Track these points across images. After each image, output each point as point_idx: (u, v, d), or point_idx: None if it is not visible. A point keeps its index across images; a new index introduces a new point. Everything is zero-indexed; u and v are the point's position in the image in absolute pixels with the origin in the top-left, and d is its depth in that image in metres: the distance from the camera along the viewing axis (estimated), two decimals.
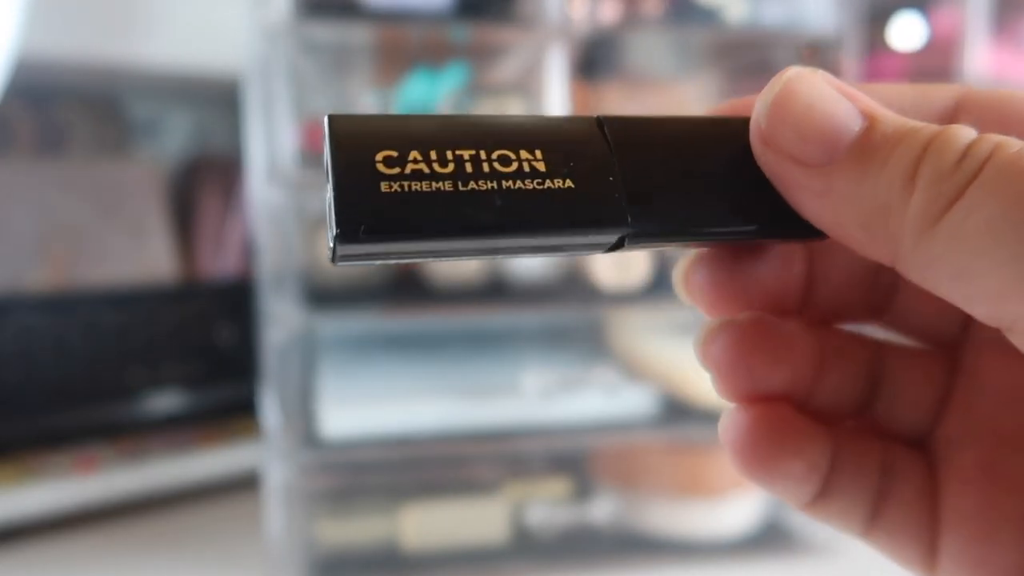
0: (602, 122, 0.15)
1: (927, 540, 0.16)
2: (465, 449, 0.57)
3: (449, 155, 0.13)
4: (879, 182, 0.13)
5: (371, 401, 0.56)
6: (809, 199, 0.14)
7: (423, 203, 0.13)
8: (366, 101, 0.61)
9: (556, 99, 0.58)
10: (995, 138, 0.13)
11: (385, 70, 0.65)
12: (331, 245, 0.13)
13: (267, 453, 0.55)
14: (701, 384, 0.57)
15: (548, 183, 0.14)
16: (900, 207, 0.13)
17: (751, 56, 0.70)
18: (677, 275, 0.18)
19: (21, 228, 0.69)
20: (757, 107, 0.15)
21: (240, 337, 0.75)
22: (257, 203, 0.56)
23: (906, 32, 0.81)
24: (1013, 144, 0.12)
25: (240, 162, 0.65)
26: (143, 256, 0.75)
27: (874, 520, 0.17)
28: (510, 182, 0.13)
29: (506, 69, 0.65)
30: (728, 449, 0.17)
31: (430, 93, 0.57)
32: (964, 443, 0.16)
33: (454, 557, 0.57)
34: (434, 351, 0.68)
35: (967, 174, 0.12)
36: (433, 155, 0.13)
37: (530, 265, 0.61)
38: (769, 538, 0.61)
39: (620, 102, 0.68)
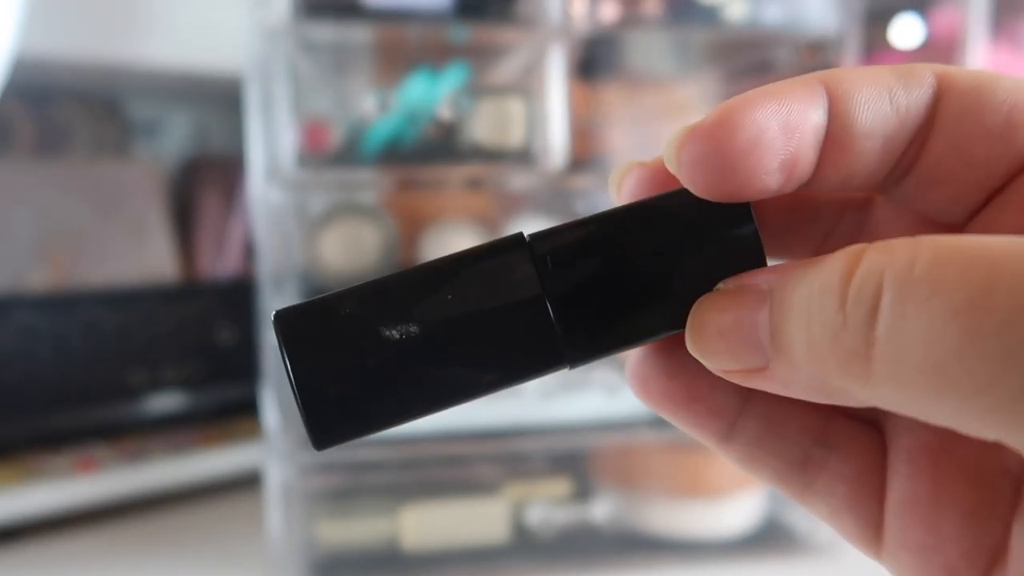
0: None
1: (872, 519, 0.16)
2: (465, 449, 0.57)
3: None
4: (801, 363, 0.13)
5: None
6: (780, 392, 0.14)
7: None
8: (366, 101, 0.61)
9: (556, 99, 0.58)
10: (874, 259, 0.12)
11: (385, 70, 0.65)
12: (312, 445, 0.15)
13: (267, 453, 0.55)
14: None
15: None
16: (829, 377, 0.13)
17: (751, 56, 0.70)
18: (626, 373, 0.18)
19: (21, 228, 0.69)
20: (688, 345, 0.15)
21: (240, 337, 0.75)
22: (257, 203, 0.56)
23: (906, 32, 0.81)
24: (897, 257, 0.11)
25: (240, 162, 0.65)
26: (143, 256, 0.75)
27: (808, 488, 0.17)
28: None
29: (506, 69, 0.65)
30: (628, 375, 0.17)
31: (430, 93, 0.57)
32: (914, 426, 0.16)
33: (454, 557, 0.57)
34: None
35: (860, 321, 0.12)
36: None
37: None
38: (769, 538, 0.61)
39: (620, 102, 0.68)
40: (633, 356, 0.17)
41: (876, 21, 0.79)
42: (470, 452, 0.58)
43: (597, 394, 0.57)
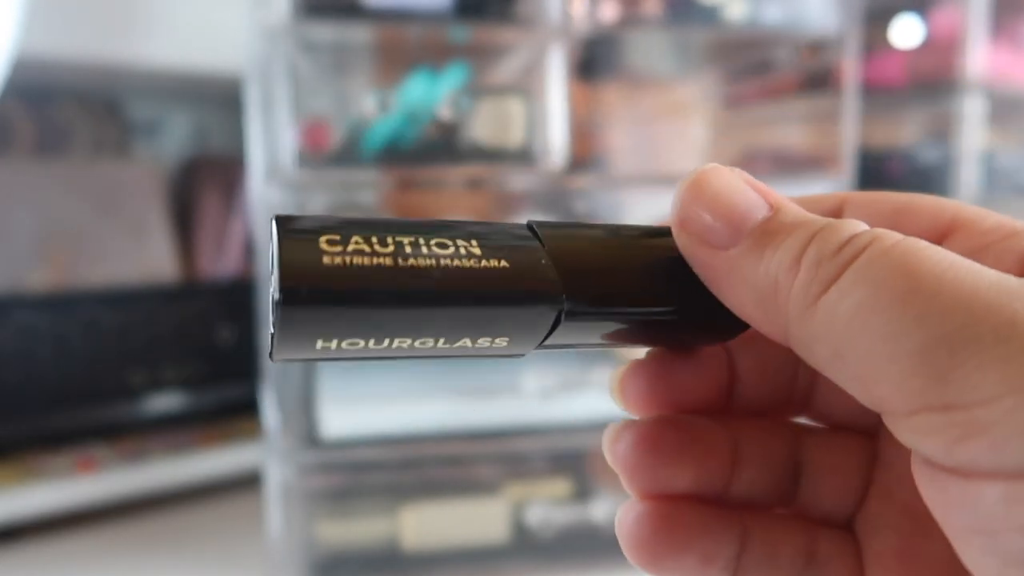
0: (532, 225, 0.16)
1: None
2: (465, 449, 0.57)
3: (389, 240, 0.14)
4: (771, 263, 0.14)
5: (371, 401, 0.56)
6: (717, 279, 0.15)
7: (364, 274, 0.13)
8: (366, 101, 0.61)
9: (556, 99, 0.58)
10: (878, 231, 0.14)
11: (385, 70, 0.65)
12: (271, 331, 0.14)
13: (267, 453, 0.55)
14: None
15: (484, 263, 0.14)
16: (786, 286, 0.14)
17: (751, 56, 0.70)
18: (612, 382, 0.19)
19: (21, 228, 0.69)
20: (675, 194, 0.16)
21: (240, 337, 0.75)
22: (257, 203, 0.56)
23: (906, 32, 0.81)
24: (892, 236, 0.13)
25: (240, 162, 0.65)
26: (143, 256, 0.75)
27: None
28: (448, 260, 0.14)
29: (506, 69, 0.65)
30: (621, 542, 0.17)
31: (430, 93, 0.57)
32: (884, 529, 0.17)
33: (454, 557, 0.57)
34: None
35: (844, 259, 0.13)
36: (374, 239, 0.14)
37: None
38: None
39: (620, 102, 0.68)
40: (621, 515, 0.18)
41: (876, 21, 0.79)
42: (470, 452, 0.58)
43: (597, 394, 0.57)
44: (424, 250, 0.14)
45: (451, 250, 0.14)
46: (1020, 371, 0.11)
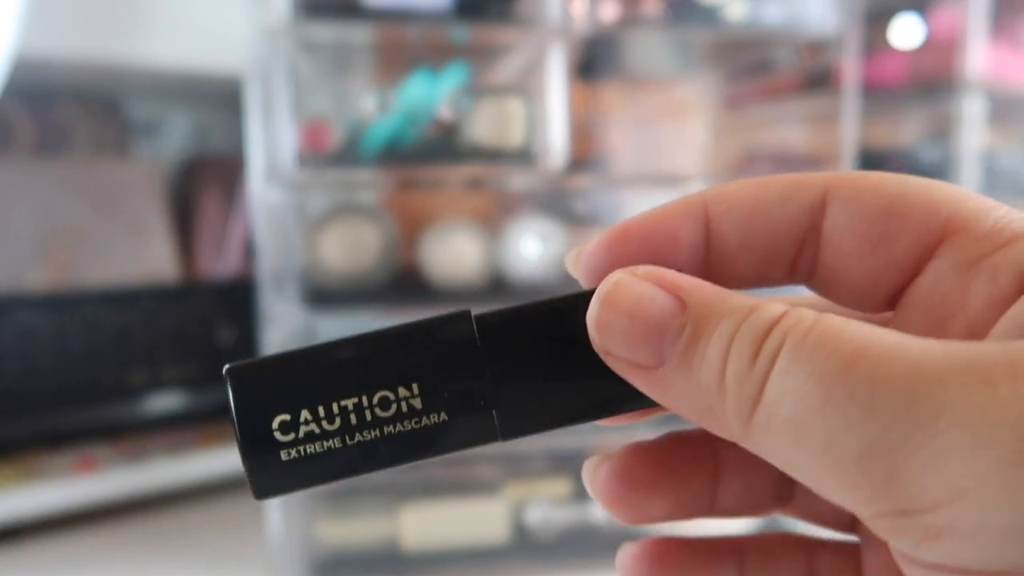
0: (477, 323, 0.16)
1: None
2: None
3: (335, 408, 0.15)
4: (700, 381, 0.14)
5: None
6: (658, 397, 0.15)
7: (318, 461, 0.15)
8: (366, 101, 0.61)
9: (556, 99, 0.58)
10: (788, 321, 0.13)
11: (385, 70, 0.65)
12: (255, 497, 0.16)
13: None
14: None
15: (425, 420, 0.16)
16: (719, 407, 0.13)
17: (751, 56, 0.70)
18: (584, 475, 0.19)
19: (21, 228, 0.69)
20: (588, 317, 0.15)
21: (240, 337, 0.75)
22: (257, 203, 0.56)
23: (906, 32, 0.81)
24: (801, 326, 0.12)
25: (240, 162, 0.65)
26: (143, 256, 0.75)
27: None
28: (391, 427, 0.16)
29: (506, 69, 0.65)
30: None
31: (430, 93, 0.57)
32: (878, 549, 0.17)
33: (454, 557, 0.57)
34: None
35: (761, 372, 0.13)
36: (321, 412, 0.15)
37: (530, 265, 0.61)
38: None
39: (620, 102, 0.69)
40: (621, 557, 0.18)
41: (876, 21, 0.79)
42: (470, 452, 0.58)
43: None
44: (368, 416, 0.15)
45: (393, 409, 0.16)
46: (956, 472, 0.11)
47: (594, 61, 0.68)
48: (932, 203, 0.15)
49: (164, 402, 0.72)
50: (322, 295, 0.57)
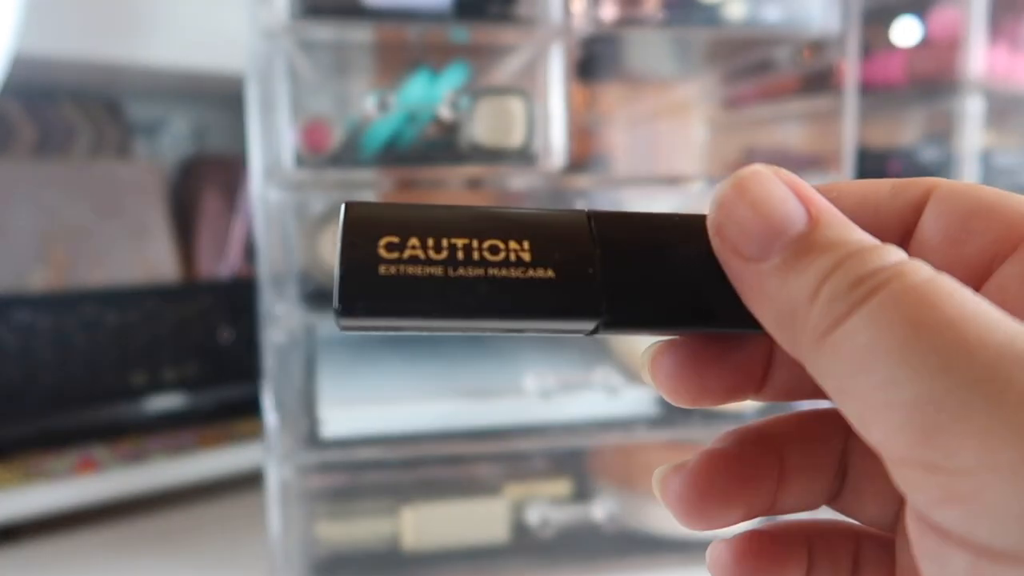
0: (591, 216, 0.16)
1: None
2: (465, 449, 0.57)
3: (444, 243, 0.15)
4: (793, 288, 0.14)
5: (371, 401, 0.56)
6: (745, 290, 0.15)
7: (415, 286, 0.15)
8: (366, 101, 0.61)
9: (556, 99, 0.58)
10: (905, 266, 0.13)
11: (385, 70, 0.65)
12: (335, 316, 0.15)
13: (267, 453, 0.55)
14: None
15: (531, 272, 0.15)
16: (803, 316, 0.14)
17: (751, 56, 0.70)
18: (643, 360, 0.19)
19: (21, 228, 0.69)
20: (712, 197, 0.16)
21: (240, 337, 0.75)
22: (257, 203, 0.56)
23: (906, 32, 0.81)
24: (918, 274, 0.13)
25: (240, 162, 0.65)
26: (143, 256, 0.75)
27: None
28: (496, 270, 0.15)
29: (506, 69, 0.65)
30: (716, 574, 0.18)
31: (430, 93, 0.57)
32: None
33: (454, 557, 0.57)
34: (434, 351, 0.68)
35: (858, 297, 0.13)
36: (430, 242, 0.15)
37: None
38: None
39: (620, 102, 0.69)
40: (713, 551, 0.19)
41: (876, 21, 0.79)
42: (470, 452, 0.58)
43: (597, 394, 0.57)
44: (475, 256, 0.15)
45: (501, 255, 0.15)
46: (999, 445, 0.11)
47: (594, 61, 0.68)
48: (1017, 212, 0.15)
49: (164, 402, 0.72)
50: (322, 295, 0.57)
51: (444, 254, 0.15)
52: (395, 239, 0.15)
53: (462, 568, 0.57)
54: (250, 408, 0.67)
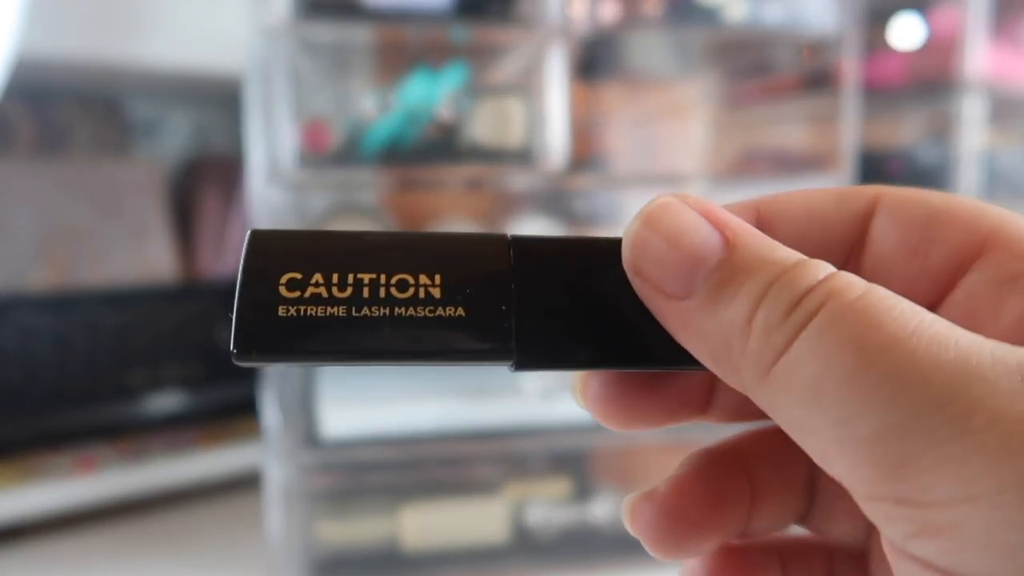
0: (512, 243, 0.15)
1: None
2: (465, 449, 0.57)
3: (350, 279, 0.14)
4: (724, 320, 0.13)
5: (371, 401, 0.56)
6: (674, 330, 0.14)
7: (315, 328, 0.14)
8: (366, 101, 0.61)
9: (556, 99, 0.58)
10: (834, 283, 0.12)
11: (385, 70, 0.65)
12: (231, 351, 0.14)
13: (267, 453, 0.55)
14: None
15: (439, 311, 0.14)
16: (739, 350, 0.13)
17: (751, 56, 0.70)
18: (574, 381, 0.18)
19: (21, 228, 0.69)
20: (624, 235, 0.15)
21: None
22: (257, 203, 0.56)
23: (906, 32, 0.81)
24: (851, 291, 0.12)
25: (240, 162, 0.65)
26: (143, 256, 0.75)
27: None
28: (402, 309, 0.14)
29: (506, 69, 0.65)
30: None
31: (430, 93, 0.57)
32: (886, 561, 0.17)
33: (454, 557, 0.57)
34: None
35: (796, 324, 0.12)
36: (335, 278, 0.14)
37: None
38: None
39: (620, 102, 0.68)
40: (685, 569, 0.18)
41: (876, 21, 0.79)
42: (470, 452, 0.58)
43: None
44: (382, 293, 0.14)
45: (410, 292, 0.14)
46: (974, 475, 0.10)
47: (594, 61, 0.68)
48: (975, 218, 0.15)
49: (164, 402, 0.72)
50: None
51: (349, 291, 0.14)
52: (298, 275, 0.14)
53: (462, 568, 0.57)
54: (250, 408, 0.67)
